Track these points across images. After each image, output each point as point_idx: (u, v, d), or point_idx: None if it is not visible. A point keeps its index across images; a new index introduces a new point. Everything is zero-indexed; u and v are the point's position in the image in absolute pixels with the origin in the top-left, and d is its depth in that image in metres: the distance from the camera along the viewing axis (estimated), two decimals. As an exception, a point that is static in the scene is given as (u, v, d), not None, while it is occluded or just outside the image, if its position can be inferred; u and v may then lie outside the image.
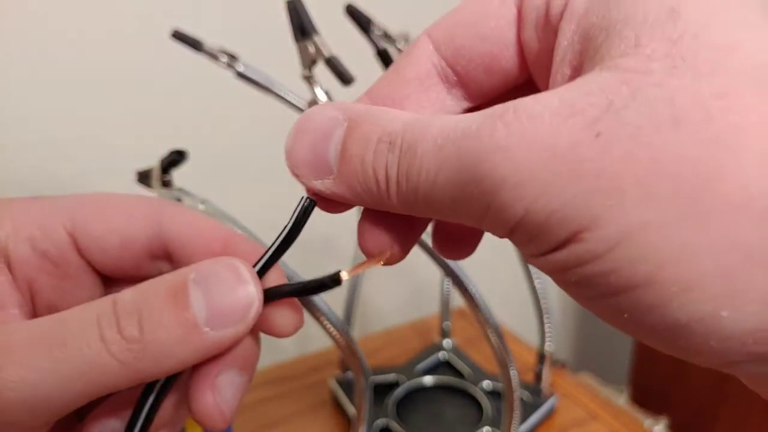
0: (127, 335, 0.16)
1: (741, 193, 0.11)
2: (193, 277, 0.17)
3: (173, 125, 0.66)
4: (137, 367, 0.17)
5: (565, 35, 0.15)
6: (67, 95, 0.61)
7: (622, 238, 0.12)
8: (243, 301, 0.18)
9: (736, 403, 0.86)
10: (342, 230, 0.76)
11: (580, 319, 1.20)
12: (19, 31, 0.57)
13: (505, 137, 0.13)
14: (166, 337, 0.17)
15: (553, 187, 0.12)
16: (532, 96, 0.14)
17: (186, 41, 0.41)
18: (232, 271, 0.18)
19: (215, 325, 0.17)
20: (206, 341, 0.17)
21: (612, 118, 0.12)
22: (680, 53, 0.12)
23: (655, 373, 0.99)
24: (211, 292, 0.17)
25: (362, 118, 0.17)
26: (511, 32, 0.17)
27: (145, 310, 0.17)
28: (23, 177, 0.61)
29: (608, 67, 0.13)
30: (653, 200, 0.12)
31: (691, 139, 0.11)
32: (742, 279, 0.11)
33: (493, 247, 0.94)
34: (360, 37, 0.44)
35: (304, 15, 0.32)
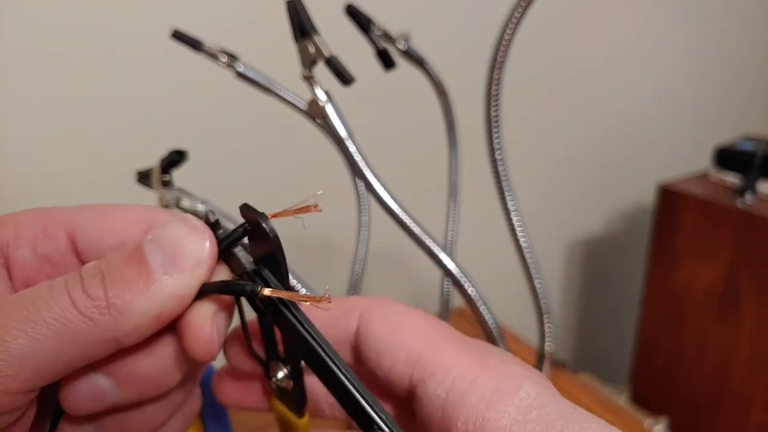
0: (92, 293, 0.18)
1: None
2: (150, 238, 0.19)
3: (173, 125, 0.66)
4: (105, 323, 0.17)
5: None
6: (66, 95, 0.61)
7: None
8: (195, 245, 0.19)
9: (736, 403, 0.86)
10: (342, 230, 0.76)
11: (580, 319, 1.20)
12: (18, 31, 0.57)
13: None
14: (127, 291, 0.18)
15: None
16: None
17: (186, 41, 0.41)
18: (185, 222, 0.20)
19: (170, 270, 0.18)
20: (165, 288, 0.18)
21: None
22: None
23: (655, 373, 0.99)
24: (164, 243, 0.19)
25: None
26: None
27: (106, 270, 0.18)
28: (20, 177, 0.61)
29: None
30: None
31: None
32: None
33: (493, 247, 0.94)
34: (360, 37, 0.44)
35: (304, 15, 0.32)
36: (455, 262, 0.40)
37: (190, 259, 0.19)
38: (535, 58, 0.89)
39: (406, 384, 0.20)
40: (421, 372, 0.20)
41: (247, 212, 0.20)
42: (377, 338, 0.20)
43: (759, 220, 0.79)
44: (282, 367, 0.22)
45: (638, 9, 1.00)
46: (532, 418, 0.17)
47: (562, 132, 0.99)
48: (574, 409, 0.18)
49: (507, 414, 0.17)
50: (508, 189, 0.47)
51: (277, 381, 0.22)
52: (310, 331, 0.19)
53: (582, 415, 0.18)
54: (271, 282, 0.19)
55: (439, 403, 0.19)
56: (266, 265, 0.20)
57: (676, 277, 0.91)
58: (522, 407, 0.18)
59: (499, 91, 0.44)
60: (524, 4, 0.40)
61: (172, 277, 0.18)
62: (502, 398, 0.18)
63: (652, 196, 0.94)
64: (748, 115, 1.23)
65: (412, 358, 0.20)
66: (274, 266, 0.20)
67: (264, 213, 0.20)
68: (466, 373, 0.19)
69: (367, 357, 0.21)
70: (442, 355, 0.19)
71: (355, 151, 0.36)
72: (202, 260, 0.19)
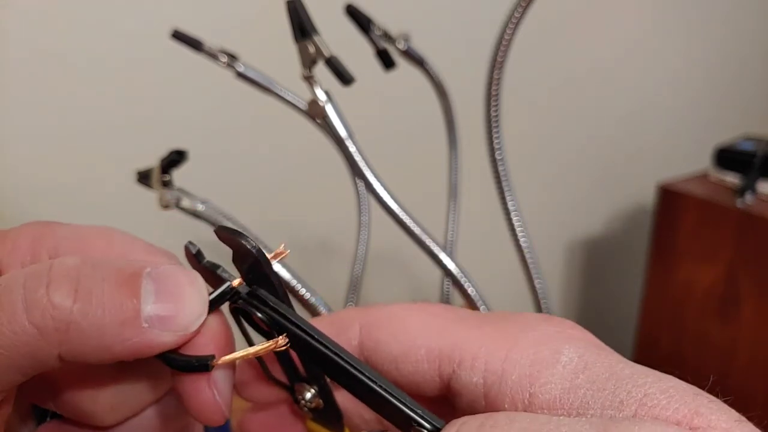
0: (56, 300, 0.15)
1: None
2: (149, 271, 0.17)
3: (173, 125, 0.66)
4: (56, 339, 0.15)
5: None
6: (65, 95, 0.61)
7: None
8: (192, 312, 0.17)
9: (736, 403, 0.86)
10: (342, 230, 0.76)
11: (580, 319, 1.20)
12: (19, 31, 0.57)
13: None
14: (101, 316, 0.16)
15: None
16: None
17: (186, 41, 0.41)
18: (192, 283, 0.18)
19: (155, 323, 0.16)
20: (140, 335, 0.16)
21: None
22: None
23: (655, 373, 0.99)
24: (163, 292, 0.17)
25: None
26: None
27: (86, 279, 0.16)
28: (20, 178, 0.61)
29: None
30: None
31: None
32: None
33: (493, 247, 0.94)
34: (360, 37, 0.44)
35: (304, 15, 0.32)
36: (455, 262, 0.40)
37: (183, 321, 0.17)
38: (535, 58, 0.89)
39: (437, 382, 0.19)
40: (449, 365, 0.18)
41: (224, 233, 0.18)
42: (389, 346, 0.19)
43: (759, 220, 0.78)
44: (308, 387, 0.20)
45: (638, 9, 1.00)
46: (581, 383, 0.16)
47: (562, 132, 0.99)
48: (624, 364, 0.17)
49: (553, 385, 0.16)
50: (508, 189, 0.47)
51: (307, 402, 0.21)
52: (327, 344, 0.18)
53: (632, 369, 0.16)
54: (269, 300, 0.18)
55: (479, 391, 0.17)
56: (258, 281, 0.19)
57: (676, 277, 0.91)
58: (566, 374, 0.16)
59: (499, 91, 0.44)
60: (524, 4, 0.40)
61: (154, 330, 0.16)
62: (544, 369, 0.16)
63: (652, 196, 0.94)
64: (748, 115, 1.23)
65: (433, 355, 0.18)
66: (266, 282, 0.18)
67: (241, 231, 0.18)
68: (495, 351, 0.17)
69: (385, 368, 0.20)
70: (463, 341, 0.18)
71: (355, 151, 0.36)
72: (192, 325, 0.17)
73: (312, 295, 0.35)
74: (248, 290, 0.19)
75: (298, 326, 0.18)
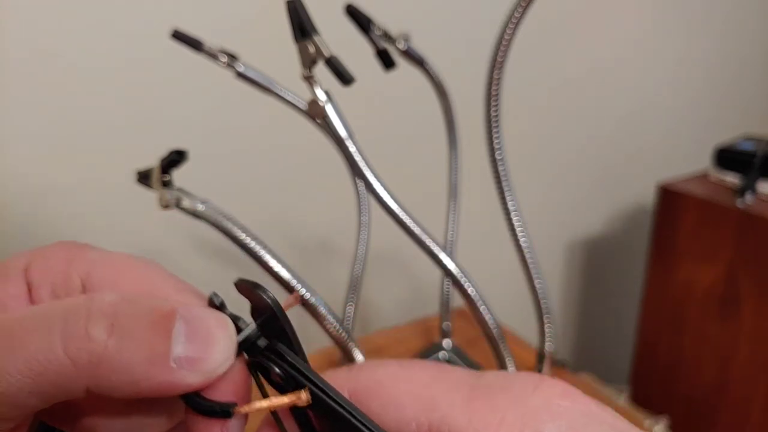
0: (93, 334, 0.16)
1: None
2: (182, 312, 0.17)
3: (173, 125, 0.66)
4: (89, 372, 0.16)
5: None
6: (65, 95, 0.61)
7: None
8: (220, 356, 0.18)
9: (736, 403, 0.86)
10: (342, 230, 0.76)
11: (580, 319, 1.20)
12: (19, 31, 0.57)
13: None
14: (133, 352, 0.16)
15: None
16: None
17: (186, 41, 0.41)
18: (222, 327, 0.18)
19: (184, 364, 0.17)
20: (168, 375, 0.17)
21: None
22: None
23: (655, 373, 0.99)
24: (194, 334, 0.17)
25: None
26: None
27: (123, 316, 0.17)
28: (19, 179, 0.61)
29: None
30: None
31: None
32: None
33: (493, 247, 0.94)
34: (360, 37, 0.44)
35: (304, 15, 0.32)
36: (455, 262, 0.40)
37: (210, 364, 0.17)
38: (536, 58, 0.89)
39: None
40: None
41: (243, 286, 0.19)
42: (379, 417, 0.19)
43: (759, 220, 0.78)
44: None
45: (638, 9, 1.00)
46: None
47: (562, 132, 0.99)
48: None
49: None
50: (508, 189, 0.47)
51: None
52: (343, 405, 0.18)
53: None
54: (288, 356, 0.19)
55: None
56: (275, 334, 0.19)
57: (676, 277, 0.91)
58: None
59: (499, 91, 0.44)
60: (524, 4, 0.40)
61: (182, 370, 0.17)
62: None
63: (652, 196, 0.94)
64: (748, 115, 1.23)
65: (422, 429, 0.18)
66: (283, 335, 0.19)
67: (259, 284, 0.19)
68: (484, 427, 0.17)
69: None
70: (452, 416, 0.18)
71: (355, 151, 0.36)
72: (219, 368, 0.18)
73: (312, 295, 0.35)
74: (267, 344, 0.19)
75: (315, 384, 0.18)
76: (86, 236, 0.67)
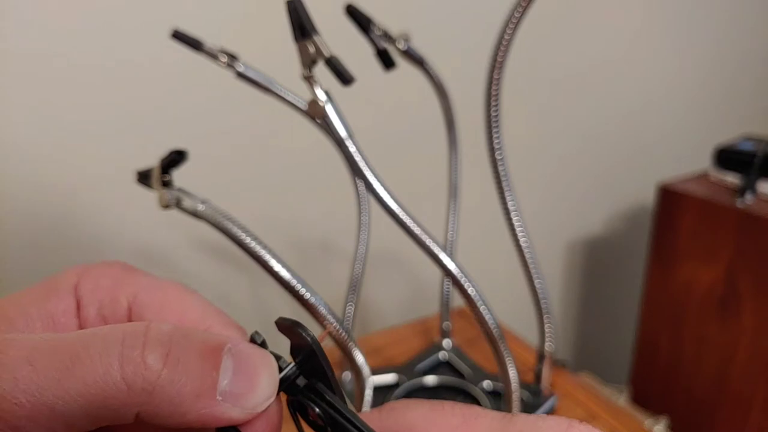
0: (149, 362, 0.16)
1: None
2: (230, 347, 0.18)
3: (173, 125, 0.66)
4: (142, 399, 0.16)
5: None
6: (65, 95, 0.61)
7: None
8: (264, 393, 0.18)
9: (736, 403, 0.86)
10: (342, 230, 0.76)
11: (580, 319, 1.20)
12: (19, 32, 0.57)
13: None
14: (183, 383, 0.17)
15: None
16: None
17: (186, 41, 0.41)
18: (267, 365, 0.19)
19: (228, 398, 0.17)
20: (213, 407, 0.17)
21: None
22: None
23: (655, 373, 0.99)
24: (241, 370, 0.18)
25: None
26: None
27: (177, 347, 0.17)
28: (18, 180, 0.61)
29: None
30: None
31: None
32: None
33: (493, 247, 0.94)
34: (360, 37, 0.44)
35: (304, 15, 0.32)
36: (455, 262, 0.40)
37: (254, 400, 0.18)
38: (536, 58, 0.89)
39: None
40: None
41: (283, 324, 0.19)
42: None
43: (759, 220, 0.78)
44: None
45: (638, 9, 1.00)
46: None
47: (562, 132, 0.99)
48: None
49: None
50: (508, 189, 0.47)
51: None
52: None
53: None
54: (327, 395, 0.19)
55: None
56: (314, 374, 0.19)
57: (676, 277, 0.91)
58: None
59: (499, 91, 0.44)
60: (524, 4, 0.40)
61: (227, 404, 0.17)
62: None
63: (652, 196, 0.94)
64: (748, 115, 1.23)
65: None
66: (320, 372, 0.19)
67: (301, 323, 0.19)
68: None
69: None
70: None
71: (355, 151, 0.36)
72: (255, 410, 0.18)
73: (312, 295, 0.35)
74: (306, 383, 0.19)
75: (355, 425, 0.18)
76: (86, 236, 0.67)
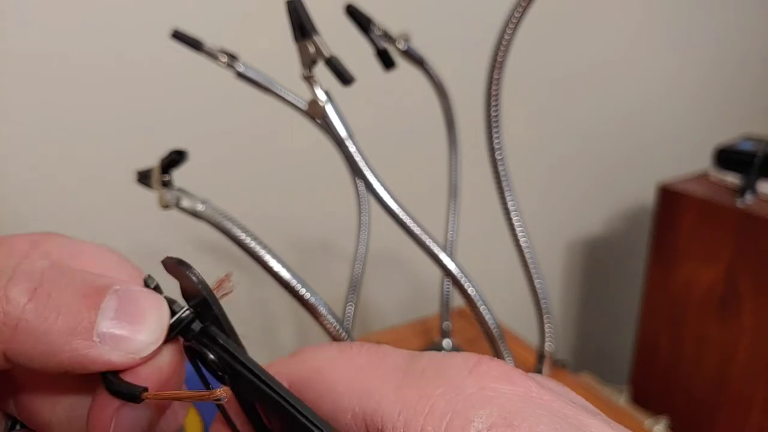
0: (11, 295, 0.15)
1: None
2: (117, 289, 0.17)
3: (173, 125, 0.66)
4: (2, 335, 0.15)
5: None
6: (65, 96, 0.61)
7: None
8: (147, 337, 0.17)
9: (736, 403, 0.86)
10: (342, 230, 0.76)
11: (580, 319, 1.20)
12: (19, 32, 0.57)
13: None
14: (53, 321, 0.15)
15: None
16: None
17: (186, 41, 0.41)
18: (154, 308, 0.17)
19: (108, 341, 0.16)
20: (89, 349, 0.16)
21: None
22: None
23: (655, 373, 0.99)
24: (124, 311, 0.17)
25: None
26: None
27: (50, 282, 0.16)
28: (18, 180, 0.61)
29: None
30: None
31: None
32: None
33: (493, 247, 0.94)
34: (360, 37, 0.44)
35: (304, 15, 0.32)
36: (455, 262, 0.40)
37: (135, 345, 0.17)
38: (535, 58, 0.89)
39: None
40: (373, 429, 0.17)
41: (169, 264, 0.18)
42: (317, 407, 0.18)
43: (759, 220, 0.78)
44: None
45: (638, 9, 1.00)
46: None
47: (562, 132, 0.99)
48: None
49: None
50: (508, 189, 0.47)
51: None
52: (279, 391, 0.17)
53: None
54: (220, 339, 0.18)
55: None
56: (212, 318, 0.18)
57: (676, 277, 0.91)
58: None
59: (499, 91, 0.44)
60: (524, 4, 0.40)
61: (105, 346, 0.16)
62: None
63: (652, 196, 0.94)
64: (748, 115, 1.23)
65: (358, 419, 0.18)
66: (212, 315, 0.18)
67: (186, 262, 0.18)
68: (412, 419, 0.16)
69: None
70: (384, 405, 0.17)
71: (355, 151, 0.36)
72: (144, 350, 0.17)
73: (312, 295, 0.35)
74: (201, 327, 0.18)
75: (249, 369, 0.17)
76: (86, 236, 0.67)
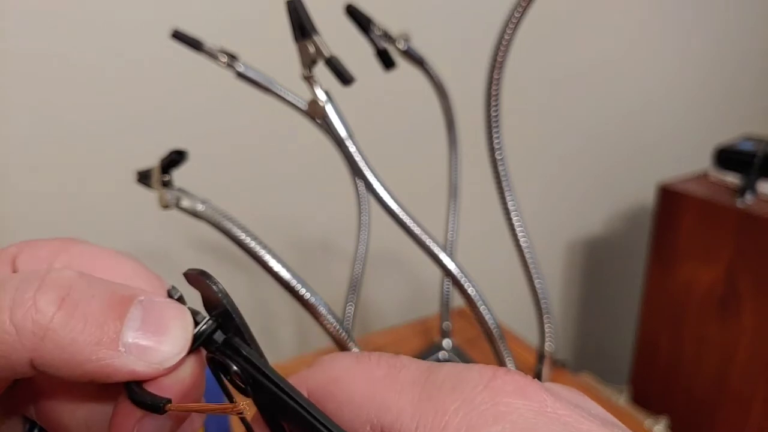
0: (40, 304, 0.16)
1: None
2: (142, 299, 0.17)
3: (173, 125, 0.66)
4: (31, 343, 0.15)
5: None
6: (65, 96, 0.61)
7: None
8: (172, 348, 0.17)
9: (736, 403, 0.86)
10: (342, 230, 0.76)
11: (580, 319, 1.20)
12: (18, 32, 0.57)
13: None
14: (80, 330, 0.16)
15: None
16: None
17: (186, 41, 0.41)
18: (179, 319, 0.17)
19: (133, 351, 0.16)
20: (114, 359, 0.16)
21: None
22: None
23: (655, 373, 0.99)
24: (149, 322, 0.17)
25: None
26: None
27: (77, 292, 0.16)
28: (18, 180, 0.61)
29: None
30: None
31: None
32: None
33: (493, 247, 0.94)
34: (360, 37, 0.44)
35: (304, 15, 0.32)
36: (455, 262, 0.40)
37: (160, 355, 0.17)
38: (535, 58, 0.89)
39: None
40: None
41: (192, 276, 0.18)
42: (336, 417, 0.18)
43: (759, 220, 0.78)
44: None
45: (638, 9, 1.00)
46: None
47: (562, 132, 0.99)
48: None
49: None
50: (508, 189, 0.47)
51: None
52: (301, 402, 0.17)
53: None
54: (243, 350, 0.18)
55: None
56: (228, 326, 0.18)
57: (676, 277, 0.91)
58: None
59: (499, 91, 0.44)
60: (524, 4, 0.40)
61: (130, 356, 0.16)
62: None
63: (652, 196, 0.94)
64: (748, 115, 1.23)
65: (376, 431, 0.18)
66: (234, 326, 0.18)
67: (208, 272, 0.18)
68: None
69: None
70: (401, 418, 0.17)
71: (355, 151, 0.36)
72: (168, 361, 0.17)
73: (312, 295, 0.35)
74: (224, 339, 0.18)
75: (272, 381, 0.17)
76: (86, 236, 0.67)
